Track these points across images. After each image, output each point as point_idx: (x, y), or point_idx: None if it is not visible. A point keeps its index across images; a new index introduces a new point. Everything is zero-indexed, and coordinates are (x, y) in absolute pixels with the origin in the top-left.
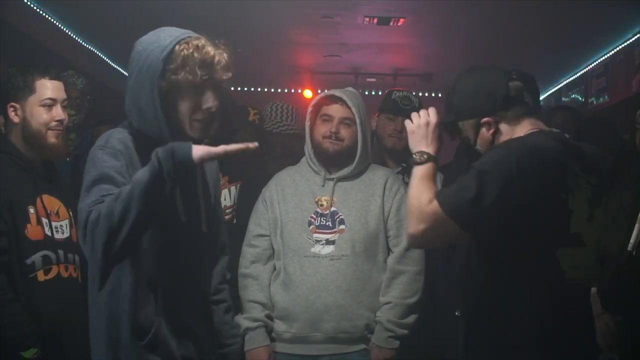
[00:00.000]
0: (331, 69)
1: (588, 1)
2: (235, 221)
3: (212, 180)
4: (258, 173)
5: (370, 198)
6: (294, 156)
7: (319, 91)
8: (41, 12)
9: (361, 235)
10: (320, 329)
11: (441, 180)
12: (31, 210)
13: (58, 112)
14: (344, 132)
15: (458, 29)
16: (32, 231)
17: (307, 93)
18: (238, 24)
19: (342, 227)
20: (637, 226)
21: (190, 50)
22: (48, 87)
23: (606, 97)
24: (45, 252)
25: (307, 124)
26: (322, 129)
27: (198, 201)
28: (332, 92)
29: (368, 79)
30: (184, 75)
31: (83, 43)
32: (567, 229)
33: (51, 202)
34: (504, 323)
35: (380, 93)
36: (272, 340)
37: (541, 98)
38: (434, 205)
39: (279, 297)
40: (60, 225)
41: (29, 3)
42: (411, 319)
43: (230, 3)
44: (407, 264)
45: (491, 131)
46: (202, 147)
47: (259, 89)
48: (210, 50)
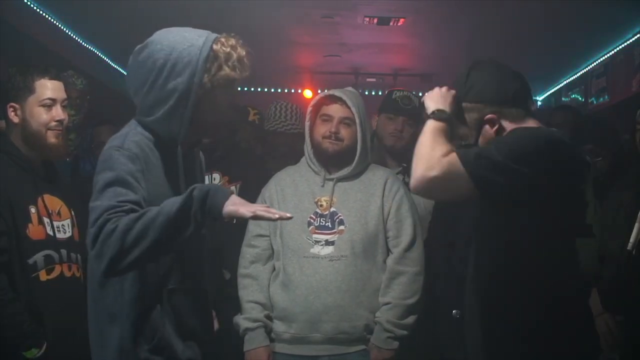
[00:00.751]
0: (331, 69)
1: (588, 1)
2: (234, 221)
3: (202, 180)
4: (258, 173)
5: (369, 198)
6: (296, 156)
7: (319, 91)
8: (41, 12)
9: (360, 235)
10: (319, 329)
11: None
12: (32, 210)
13: (58, 112)
14: (344, 132)
15: (458, 29)
16: (33, 231)
17: (307, 93)
18: (238, 24)
19: (341, 227)
20: (637, 226)
21: (228, 49)
22: (48, 87)
23: (606, 97)
24: (47, 251)
25: (307, 124)
26: (322, 129)
27: None
28: (332, 92)
29: (368, 79)
30: (226, 73)
31: (83, 43)
32: (584, 219)
33: (52, 201)
34: (522, 316)
35: (380, 93)
36: (272, 340)
37: (541, 98)
38: (452, 157)
39: (279, 298)
40: (62, 225)
41: (29, 3)
42: (410, 319)
43: (230, 3)
44: (406, 265)
45: (494, 128)
46: (236, 202)
47: (258, 89)
48: (241, 49)
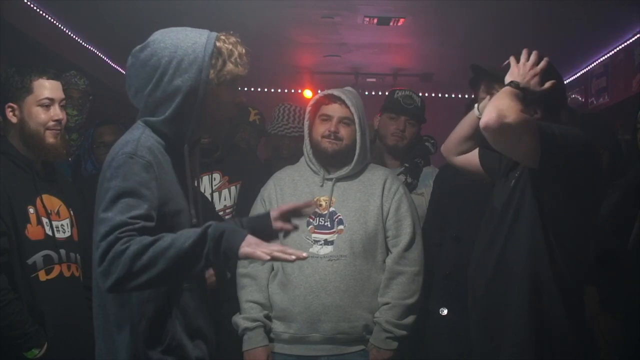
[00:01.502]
0: (331, 69)
1: (588, 1)
2: None
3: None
4: (258, 173)
5: (369, 198)
6: (299, 158)
7: (319, 91)
8: (41, 12)
9: (360, 235)
10: (318, 329)
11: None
12: (31, 211)
13: (56, 112)
14: (343, 132)
15: (458, 29)
16: (32, 231)
17: (307, 93)
18: (238, 24)
19: (340, 227)
20: (637, 226)
21: (230, 46)
22: (46, 87)
23: (606, 97)
24: (46, 251)
25: (306, 123)
26: (321, 129)
27: (204, 202)
28: (331, 91)
29: (368, 79)
30: (231, 69)
31: (83, 43)
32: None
33: (51, 201)
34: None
35: (380, 93)
36: (271, 340)
37: None
38: (528, 117)
39: (277, 298)
40: (62, 225)
41: (29, 3)
42: (410, 319)
43: (230, 3)
44: (405, 265)
45: (535, 116)
46: (252, 244)
47: (258, 89)
48: (241, 46)
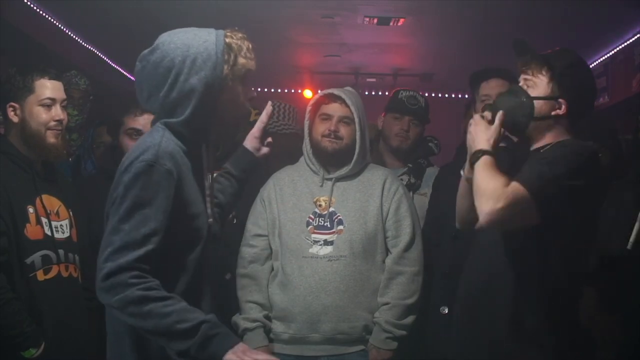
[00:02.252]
0: (331, 69)
1: (588, 1)
2: (235, 221)
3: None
4: (258, 173)
5: (368, 198)
6: (291, 156)
7: (319, 91)
8: (41, 12)
9: (359, 235)
10: (318, 329)
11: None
12: (30, 210)
13: (57, 112)
14: (343, 131)
15: (458, 29)
16: (31, 231)
17: (307, 93)
18: (238, 24)
19: (340, 227)
20: (637, 226)
21: (239, 41)
22: (47, 87)
23: (606, 97)
24: (45, 251)
25: (306, 123)
26: (321, 128)
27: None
28: (331, 90)
29: (368, 79)
30: (243, 63)
31: (83, 43)
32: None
33: (51, 201)
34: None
35: (380, 93)
36: (271, 340)
37: None
38: (513, 185)
39: (277, 298)
40: (61, 225)
41: (29, 3)
42: (409, 319)
43: (230, 3)
44: (405, 265)
45: (556, 112)
46: (238, 352)
47: (258, 89)
48: (248, 41)
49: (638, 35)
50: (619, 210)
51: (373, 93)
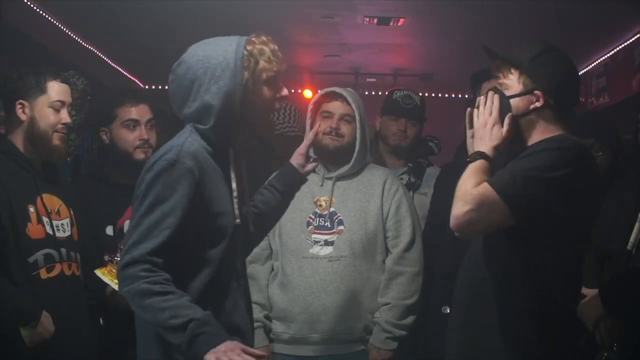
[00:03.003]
0: (331, 69)
1: (588, 1)
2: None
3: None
4: (258, 173)
5: (369, 199)
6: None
7: (319, 91)
8: (41, 12)
9: (360, 236)
10: (318, 330)
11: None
12: (31, 210)
13: (65, 115)
14: (344, 129)
15: (458, 29)
16: (33, 230)
17: (307, 93)
18: (238, 24)
19: (340, 227)
20: (637, 226)
21: (260, 46)
22: (58, 90)
23: (606, 97)
24: (47, 250)
25: (308, 122)
26: (323, 125)
27: (246, 201)
28: (332, 89)
29: (368, 79)
30: (264, 67)
31: (83, 43)
32: (590, 229)
33: (52, 200)
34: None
35: (380, 93)
36: (271, 340)
37: None
38: (482, 186)
39: (277, 298)
40: (62, 224)
41: (29, 3)
42: (409, 320)
43: (230, 3)
44: (405, 265)
45: (534, 105)
46: (220, 352)
47: None
48: (272, 44)
49: (638, 35)
50: (619, 210)
51: (373, 93)
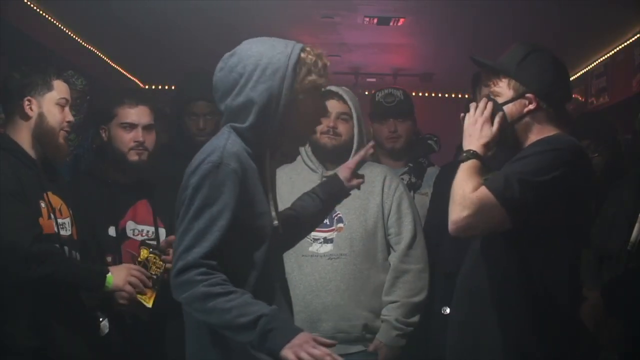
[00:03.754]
0: (331, 69)
1: (588, 1)
2: None
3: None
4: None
5: (368, 196)
6: (287, 155)
7: None
8: (41, 12)
9: (360, 233)
10: (318, 328)
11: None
12: (42, 205)
13: (68, 113)
14: (342, 127)
15: (458, 29)
16: (44, 225)
17: None
18: (238, 24)
19: (340, 225)
20: (637, 226)
21: (314, 57)
22: (63, 88)
23: (606, 97)
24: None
25: None
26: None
27: (277, 203)
28: (328, 87)
29: (368, 79)
30: (314, 79)
31: (83, 43)
32: (589, 229)
33: (54, 199)
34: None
35: None
36: None
37: None
38: (480, 191)
39: None
40: (64, 223)
41: (29, 3)
42: (416, 317)
43: (230, 3)
44: (410, 263)
45: (528, 108)
46: (295, 346)
47: None
48: (325, 58)
49: (638, 35)
50: (619, 210)
51: (373, 93)
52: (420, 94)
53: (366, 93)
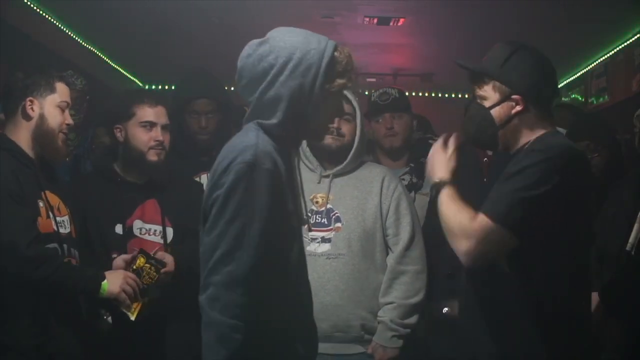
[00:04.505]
0: None
1: (588, 1)
2: None
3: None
4: None
5: (367, 196)
6: None
7: None
8: (41, 12)
9: (357, 233)
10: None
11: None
12: (40, 204)
13: (67, 116)
14: (345, 128)
15: (458, 29)
16: (43, 224)
17: None
18: (238, 24)
19: (338, 224)
20: (636, 226)
21: (346, 59)
22: (64, 91)
23: (606, 97)
24: (54, 244)
25: None
26: None
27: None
28: None
29: (368, 79)
30: (343, 81)
31: (83, 43)
32: (591, 228)
33: (53, 198)
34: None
35: None
36: None
37: None
38: (481, 220)
39: None
40: (62, 221)
41: (29, 3)
42: (414, 318)
43: (230, 3)
44: (407, 264)
45: (515, 110)
46: None
47: None
48: (354, 60)
49: (638, 35)
50: (619, 210)
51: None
52: (420, 94)
53: (366, 93)
